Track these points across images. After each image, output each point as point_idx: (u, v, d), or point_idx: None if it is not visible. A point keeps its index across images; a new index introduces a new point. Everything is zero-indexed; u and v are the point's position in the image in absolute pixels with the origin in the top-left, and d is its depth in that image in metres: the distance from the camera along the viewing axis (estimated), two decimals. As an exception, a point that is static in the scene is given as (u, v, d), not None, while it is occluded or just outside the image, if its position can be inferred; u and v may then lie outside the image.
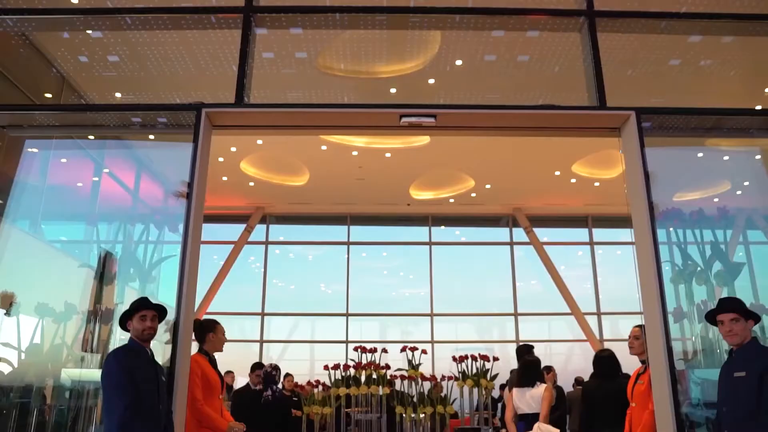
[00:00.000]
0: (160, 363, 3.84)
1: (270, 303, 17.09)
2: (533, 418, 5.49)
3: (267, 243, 17.50)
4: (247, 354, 15.98)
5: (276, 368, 5.28)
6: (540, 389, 5.80)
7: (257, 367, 5.34)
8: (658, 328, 4.26)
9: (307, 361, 16.80)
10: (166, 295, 4.76)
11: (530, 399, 5.67)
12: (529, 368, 6.02)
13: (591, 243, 17.57)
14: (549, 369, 9.45)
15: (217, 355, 4.89)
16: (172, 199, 5.07)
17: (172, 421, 3.33)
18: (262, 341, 16.71)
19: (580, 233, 17.89)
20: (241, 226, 17.08)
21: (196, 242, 4.68)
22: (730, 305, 3.87)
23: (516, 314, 16.83)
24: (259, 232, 17.51)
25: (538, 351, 7.50)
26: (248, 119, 5.72)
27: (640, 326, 4.51)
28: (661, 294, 4.56)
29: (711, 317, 3.95)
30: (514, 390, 5.67)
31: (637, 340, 4.46)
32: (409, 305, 17.10)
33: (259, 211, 17.12)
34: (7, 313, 4.99)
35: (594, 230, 17.72)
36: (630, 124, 5.47)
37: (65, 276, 6.06)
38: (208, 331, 4.54)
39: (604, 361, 5.61)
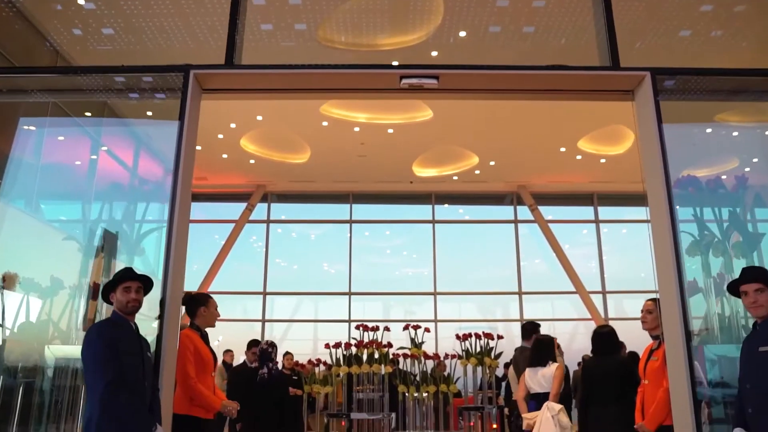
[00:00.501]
0: (148, 340, 3.63)
1: (273, 282, 16.91)
2: (544, 397, 5.29)
3: (268, 222, 17.28)
4: (249, 334, 15.83)
5: (272, 345, 5.05)
6: (551, 368, 5.59)
7: (253, 344, 5.12)
8: (674, 301, 3.99)
9: (310, 340, 16.66)
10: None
11: (542, 378, 5.44)
12: (542, 347, 5.80)
13: (596, 221, 17.32)
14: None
15: (220, 335, 4.69)
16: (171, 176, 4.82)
17: (159, 398, 3.11)
18: (264, 320, 16.55)
19: (586, 211, 17.63)
20: (242, 205, 16.86)
21: (184, 208, 4.43)
22: (754, 275, 3.61)
23: (520, 293, 16.62)
24: (260, 210, 17.29)
25: (543, 330, 7.29)
26: (240, 82, 5.43)
27: (653, 300, 4.25)
28: (678, 265, 4.29)
29: (733, 288, 3.70)
30: (527, 370, 5.46)
31: (650, 315, 4.19)
32: (412, 285, 16.91)
33: (261, 190, 16.88)
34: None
35: (599, 208, 17.44)
36: (645, 86, 5.16)
37: (63, 254, 5.86)
38: (200, 305, 4.31)
39: (603, 337, 5.47)
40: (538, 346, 5.84)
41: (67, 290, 5.12)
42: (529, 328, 6.38)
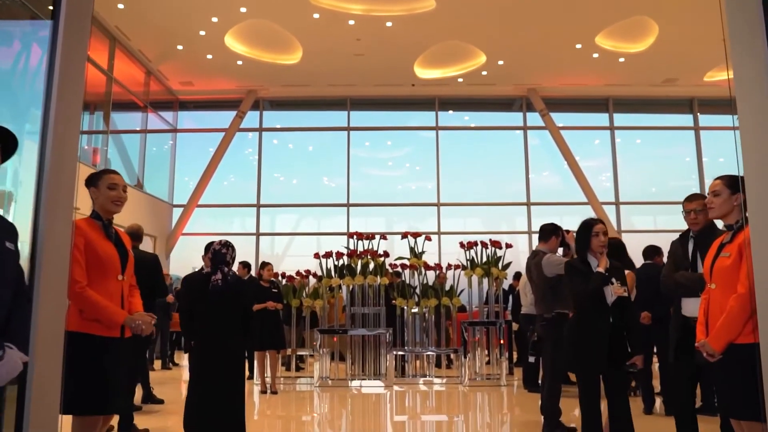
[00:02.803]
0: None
1: (272, 198, 16.00)
2: None
3: (261, 130, 16.22)
4: (245, 249, 15.07)
5: (227, 246, 4.12)
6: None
7: (210, 247, 4.18)
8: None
9: (311, 257, 15.76)
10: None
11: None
12: (611, 251, 4.89)
13: (611, 128, 16.18)
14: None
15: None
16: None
17: (25, 312, 2.16)
18: (258, 234, 15.74)
19: (600, 118, 16.47)
20: (233, 113, 15.78)
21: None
22: None
23: (528, 203, 15.70)
24: (253, 120, 16.21)
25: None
26: None
27: (723, 177, 3.24)
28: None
29: None
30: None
31: (718, 198, 3.17)
32: (416, 199, 15.97)
33: (251, 95, 15.74)
34: None
35: (615, 115, 16.26)
36: None
37: None
38: (89, 186, 3.19)
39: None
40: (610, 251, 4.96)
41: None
42: (549, 229, 5.41)
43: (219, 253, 4.12)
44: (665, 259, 4.74)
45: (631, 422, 3.86)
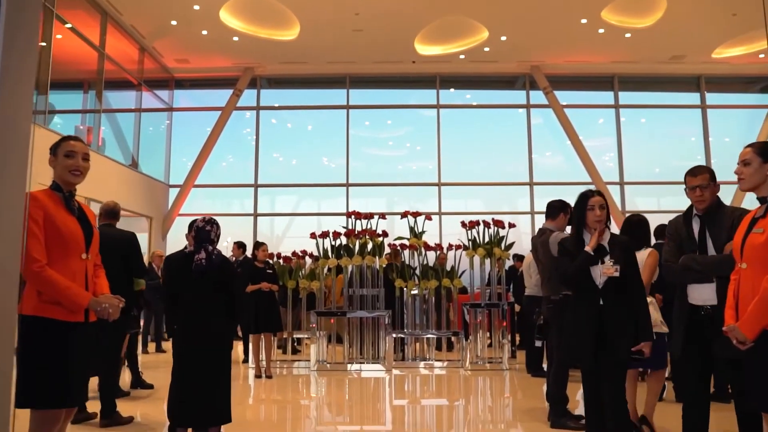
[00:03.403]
0: None
1: (272, 179, 15.71)
2: None
3: (258, 108, 15.88)
4: (243, 230, 14.83)
5: (211, 223, 3.83)
6: (643, 254, 4.45)
7: (193, 225, 3.89)
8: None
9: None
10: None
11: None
12: (633, 229, 4.62)
13: (616, 106, 15.83)
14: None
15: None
16: None
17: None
18: (256, 215, 15.46)
19: (604, 96, 16.13)
20: (230, 92, 15.45)
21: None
22: None
23: (531, 183, 15.40)
24: (251, 98, 15.87)
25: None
26: None
27: (754, 145, 2.94)
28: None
29: None
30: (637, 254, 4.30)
31: (748, 168, 2.87)
32: (417, 179, 15.66)
33: (248, 73, 15.40)
34: None
35: (620, 93, 15.91)
36: None
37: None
38: (50, 155, 2.86)
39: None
40: (628, 228, 4.70)
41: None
42: (557, 206, 5.12)
43: (203, 231, 3.82)
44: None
45: (622, 411, 3.44)
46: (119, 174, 13.21)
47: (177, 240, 15.07)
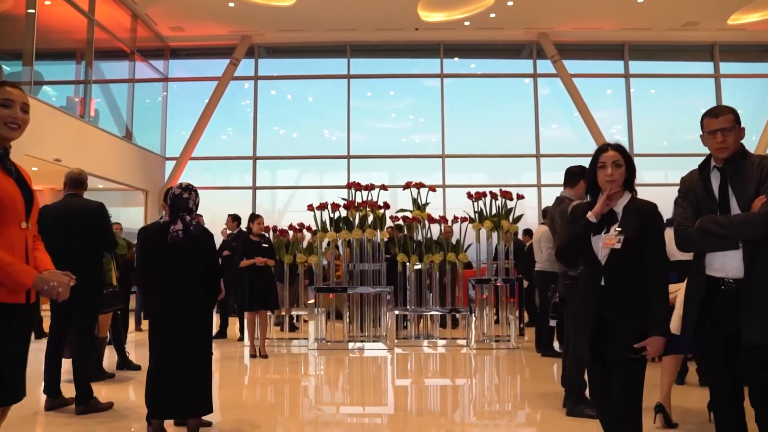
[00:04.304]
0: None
1: (272, 152, 15.24)
2: (689, 266, 3.45)
3: (256, 78, 15.38)
4: (242, 204, 14.42)
5: (189, 189, 3.37)
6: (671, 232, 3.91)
7: (169, 193, 3.43)
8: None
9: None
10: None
11: None
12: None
13: (626, 75, 15.29)
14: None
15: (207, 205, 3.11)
16: None
17: None
18: (255, 188, 15.04)
19: (614, 65, 15.58)
20: (227, 61, 14.94)
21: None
22: None
23: (538, 155, 14.92)
24: (249, 69, 15.36)
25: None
26: None
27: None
28: None
29: None
30: (667, 230, 3.67)
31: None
32: (420, 152, 15.20)
33: (246, 41, 14.87)
34: None
35: (630, 62, 15.36)
36: None
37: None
38: None
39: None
40: None
41: None
42: (577, 172, 4.64)
43: (179, 199, 3.38)
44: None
45: (630, 416, 2.75)
46: (113, 146, 12.80)
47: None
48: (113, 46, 13.44)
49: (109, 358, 6.26)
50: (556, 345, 7.34)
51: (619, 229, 2.78)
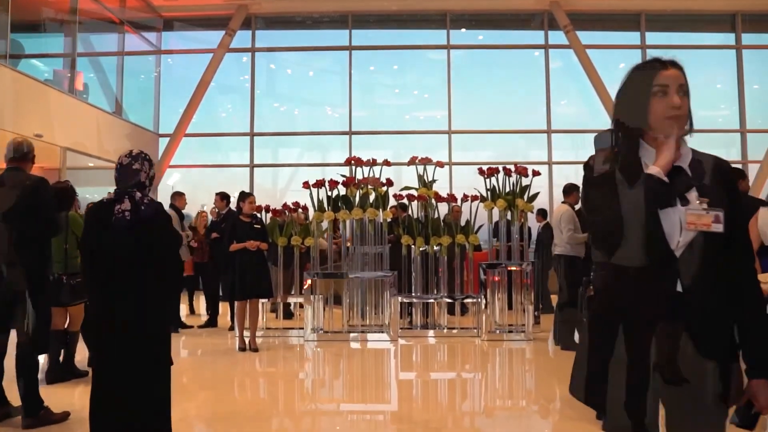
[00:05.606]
0: None
1: (272, 128, 14.54)
2: None
3: (253, 50, 14.63)
4: (240, 183, 13.76)
5: (141, 158, 2.68)
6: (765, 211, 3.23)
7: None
8: None
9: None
10: None
11: None
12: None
13: (643, 46, 14.49)
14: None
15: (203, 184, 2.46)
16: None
17: None
18: (252, 165, 14.34)
19: (630, 36, 14.80)
20: (223, 33, 14.20)
21: None
22: None
23: (549, 131, 14.18)
24: (246, 40, 14.61)
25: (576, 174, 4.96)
26: None
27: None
28: None
29: None
30: (761, 210, 2.97)
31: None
32: (425, 128, 14.52)
33: (242, 11, 14.11)
34: None
35: (647, 33, 14.56)
36: None
37: None
38: None
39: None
40: None
41: None
42: (604, 141, 3.97)
43: (128, 170, 2.66)
44: (751, 183, 3.14)
45: None
46: (102, 122, 12.12)
47: (168, 192, 14.01)
48: (102, 16, 12.71)
49: (80, 352, 5.61)
50: (576, 337, 6.67)
51: (706, 199, 1.76)
